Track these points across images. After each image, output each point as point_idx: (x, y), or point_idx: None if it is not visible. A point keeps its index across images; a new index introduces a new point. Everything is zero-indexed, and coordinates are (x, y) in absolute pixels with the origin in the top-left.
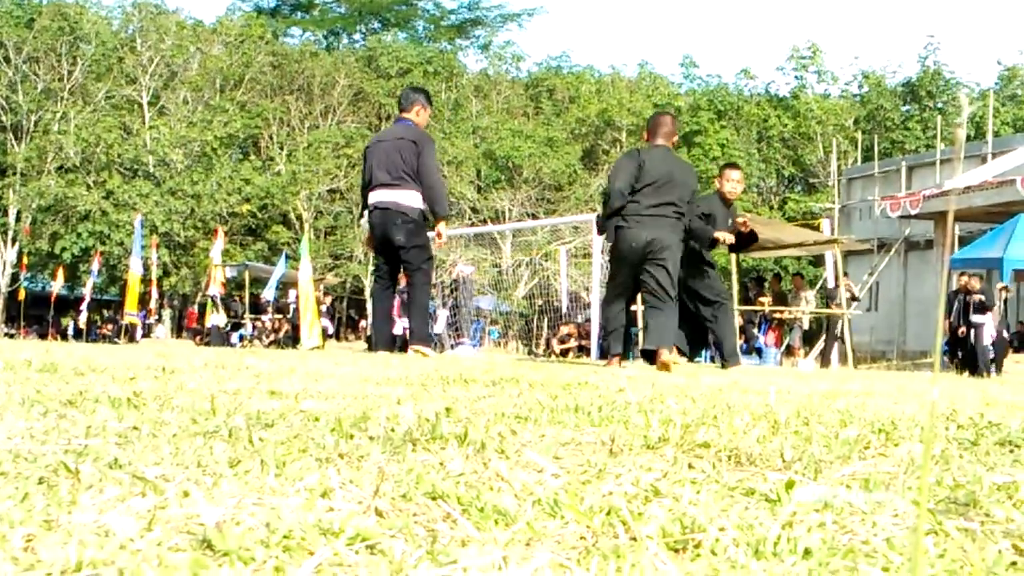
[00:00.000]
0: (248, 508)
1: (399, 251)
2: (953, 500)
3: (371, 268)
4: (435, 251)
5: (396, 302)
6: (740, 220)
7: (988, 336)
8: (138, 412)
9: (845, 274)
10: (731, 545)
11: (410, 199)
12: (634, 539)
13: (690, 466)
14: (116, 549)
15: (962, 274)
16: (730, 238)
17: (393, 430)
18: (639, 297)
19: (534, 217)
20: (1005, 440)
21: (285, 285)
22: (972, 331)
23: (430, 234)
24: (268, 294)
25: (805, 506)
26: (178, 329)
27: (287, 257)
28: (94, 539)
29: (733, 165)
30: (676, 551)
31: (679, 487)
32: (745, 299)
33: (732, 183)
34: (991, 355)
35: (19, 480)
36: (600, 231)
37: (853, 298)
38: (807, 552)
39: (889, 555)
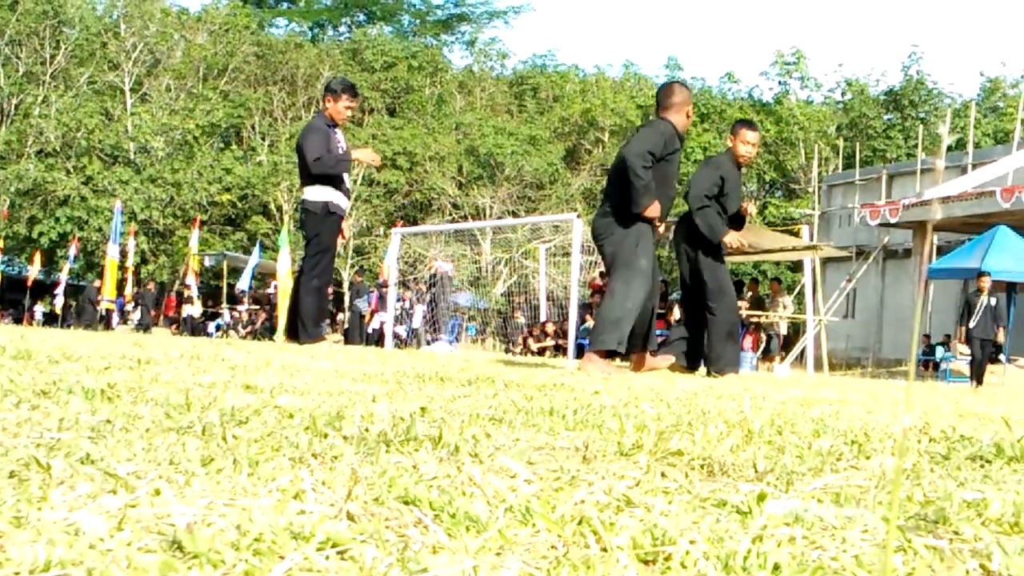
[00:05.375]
0: (219, 509)
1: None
2: (923, 517)
3: (350, 262)
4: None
5: (375, 297)
6: (745, 206)
7: None
8: (112, 405)
9: None
10: (701, 558)
11: (307, 194)
12: (605, 550)
13: (663, 475)
14: (85, 549)
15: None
16: (735, 240)
17: (367, 430)
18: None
19: (515, 215)
20: (976, 455)
21: (265, 276)
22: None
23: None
24: (243, 284)
25: (776, 519)
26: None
27: (263, 247)
28: (63, 538)
29: (749, 124)
30: (646, 563)
31: (651, 497)
32: None
33: (747, 145)
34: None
35: None
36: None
37: None
38: (776, 568)
39: (857, 572)
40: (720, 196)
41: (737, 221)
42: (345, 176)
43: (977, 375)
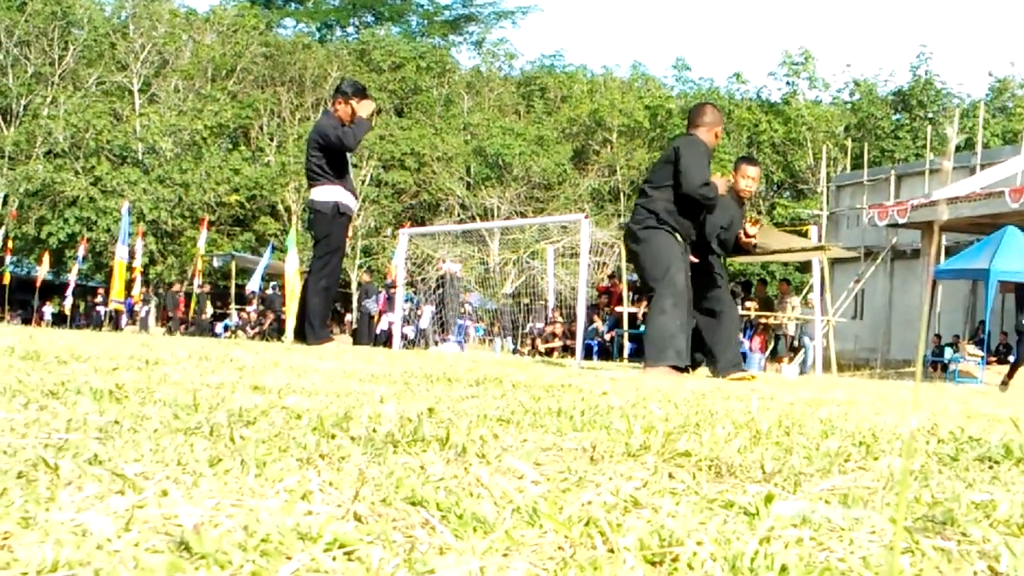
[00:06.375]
0: (227, 509)
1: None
2: (930, 518)
3: (358, 263)
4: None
5: (383, 297)
6: (752, 223)
7: None
8: (120, 405)
9: None
10: (708, 560)
11: (318, 194)
12: (612, 551)
13: (670, 476)
14: (93, 549)
15: None
16: (723, 186)
17: (375, 431)
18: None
19: (523, 215)
20: (984, 456)
21: (274, 277)
22: None
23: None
24: (252, 285)
25: (783, 521)
26: (164, 318)
27: (273, 248)
28: (71, 538)
29: (750, 160)
30: (653, 564)
31: (659, 498)
32: None
33: (748, 180)
34: None
35: None
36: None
37: None
38: (783, 569)
39: (865, 574)
40: (726, 231)
41: (741, 252)
42: (351, 176)
43: (1010, 375)
